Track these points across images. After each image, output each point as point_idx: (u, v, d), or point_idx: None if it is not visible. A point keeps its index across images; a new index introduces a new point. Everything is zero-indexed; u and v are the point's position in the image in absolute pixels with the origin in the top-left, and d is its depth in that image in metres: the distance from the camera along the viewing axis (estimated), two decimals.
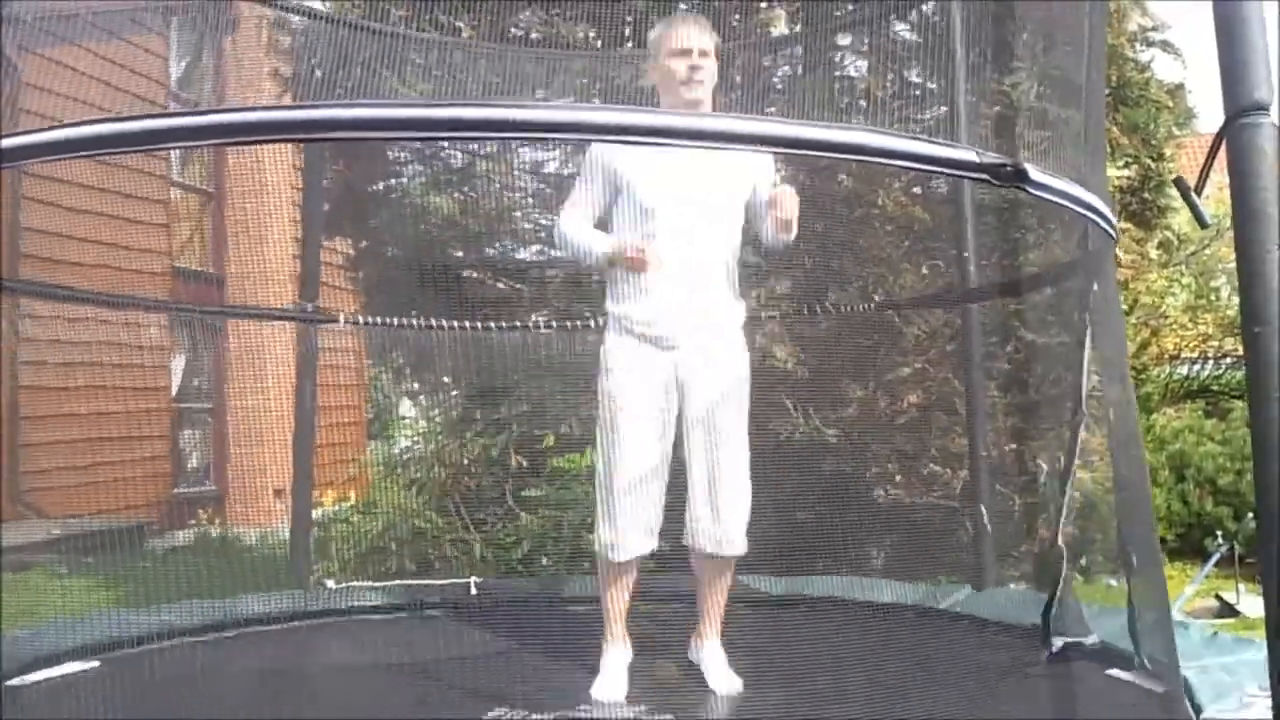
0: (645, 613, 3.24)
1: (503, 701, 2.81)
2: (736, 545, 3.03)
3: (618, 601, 3.04)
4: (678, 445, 3.01)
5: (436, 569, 4.88)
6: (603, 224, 3.07)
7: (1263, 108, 1.74)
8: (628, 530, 2.94)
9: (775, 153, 2.71)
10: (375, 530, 5.22)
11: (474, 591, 4.01)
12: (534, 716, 2.74)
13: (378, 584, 4.10)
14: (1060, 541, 3.08)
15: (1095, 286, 2.84)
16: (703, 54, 2.94)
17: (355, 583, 4.09)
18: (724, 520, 2.99)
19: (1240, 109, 1.73)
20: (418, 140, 4.46)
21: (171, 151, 7.38)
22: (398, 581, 4.12)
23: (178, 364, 8.88)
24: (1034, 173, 1.79)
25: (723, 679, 3.04)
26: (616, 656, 3.05)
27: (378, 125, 1.76)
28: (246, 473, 8.69)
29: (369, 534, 5.25)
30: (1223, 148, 1.79)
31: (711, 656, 3.10)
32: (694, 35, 2.96)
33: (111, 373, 5.83)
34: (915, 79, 4.28)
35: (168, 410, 8.70)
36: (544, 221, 5.22)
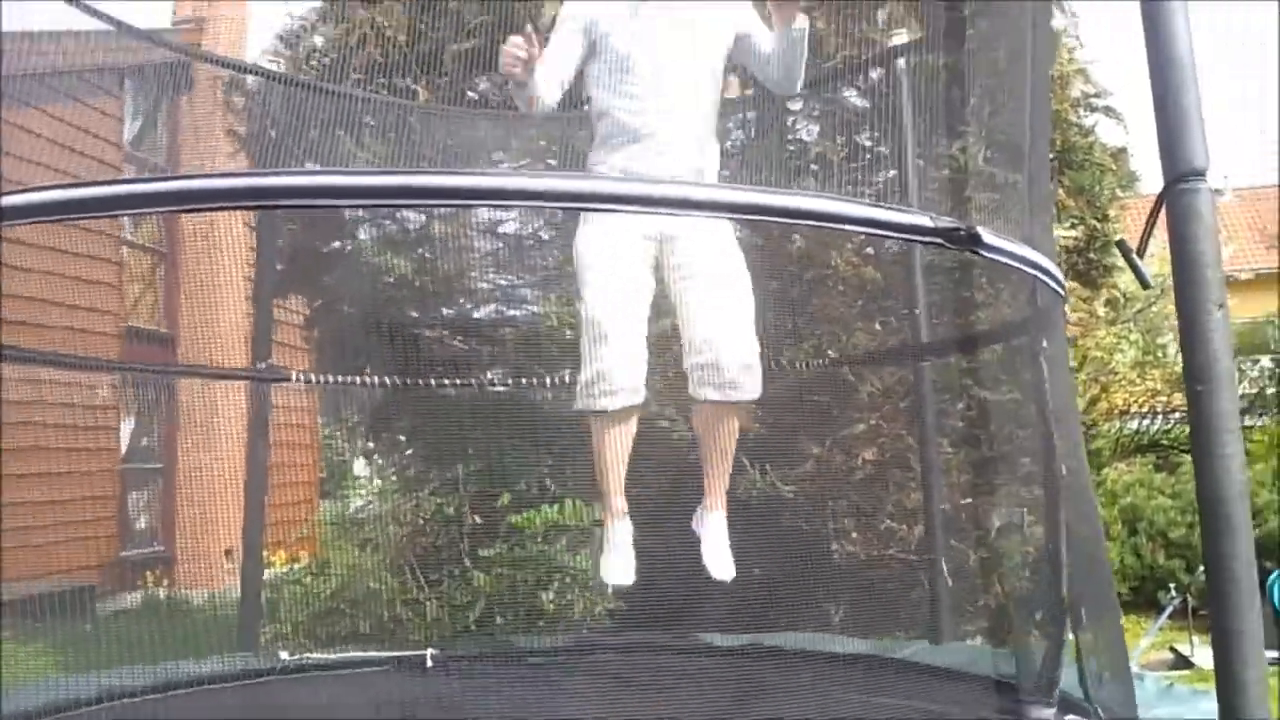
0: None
1: None
2: (742, 389, 2.84)
3: (615, 466, 2.88)
4: (671, 299, 2.92)
5: (390, 630, 4.80)
6: (578, 79, 3.02)
7: (1199, 174, 1.80)
8: (615, 371, 2.78)
9: (735, 219, 2.74)
10: (328, 592, 5.13)
11: (430, 664, 3.93)
12: None
13: (332, 654, 4.01)
14: (1065, 597, 3.07)
15: (1045, 343, 2.89)
16: None
17: (311, 655, 3.99)
18: (724, 361, 2.81)
19: (1178, 175, 1.79)
20: (372, 207, 4.46)
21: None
22: (353, 653, 4.02)
23: (127, 424, 8.73)
24: (986, 236, 1.83)
25: (717, 558, 2.90)
26: (621, 532, 2.91)
27: (332, 193, 1.77)
28: (196, 534, 8.52)
29: (321, 595, 5.16)
30: (1163, 211, 1.85)
31: (712, 530, 2.94)
32: None
33: (59, 433, 5.72)
34: (866, 143, 4.38)
35: (116, 471, 8.54)
36: (501, 281, 5.24)
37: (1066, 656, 3.11)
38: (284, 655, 3.89)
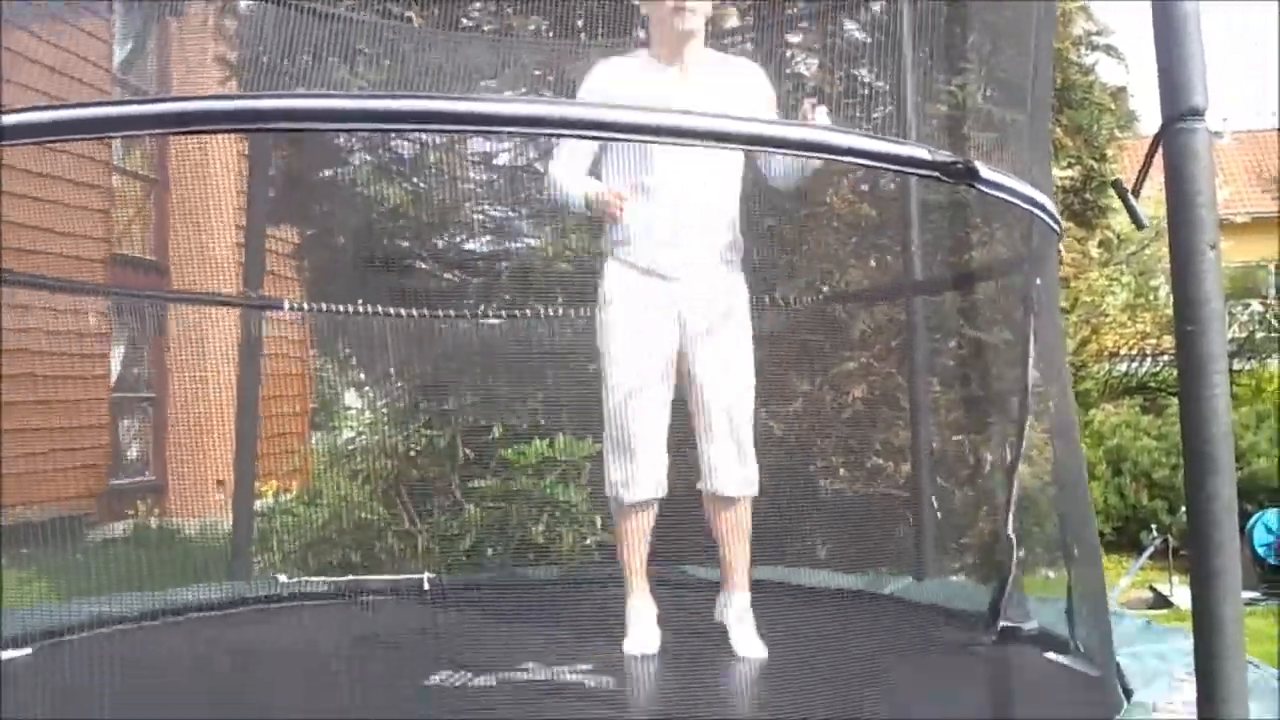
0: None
1: (448, 667, 2.80)
2: (753, 484, 2.98)
3: (636, 551, 2.99)
4: (682, 387, 2.98)
5: (382, 561, 4.85)
6: (598, 163, 3.03)
7: (1198, 113, 1.78)
8: (640, 467, 2.88)
9: (733, 148, 2.73)
10: (319, 522, 5.17)
11: (427, 587, 3.98)
12: (475, 680, 2.73)
13: (328, 579, 4.05)
14: (1010, 532, 3.13)
15: (1038, 281, 2.89)
16: None
17: (306, 578, 4.03)
18: (746, 457, 2.93)
19: (1176, 114, 1.78)
20: (366, 132, 4.41)
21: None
22: (349, 577, 4.07)
23: (117, 352, 8.72)
24: (984, 170, 1.82)
25: (746, 645, 2.95)
26: (642, 608, 2.99)
27: (325, 116, 1.75)
28: (187, 463, 8.55)
29: (313, 525, 5.21)
30: (1159, 153, 1.83)
31: (739, 617, 3.00)
32: None
33: (49, 360, 5.72)
34: (865, 77, 4.33)
35: (106, 399, 8.55)
36: (494, 213, 5.21)
37: (1042, 593, 3.17)
38: (282, 579, 3.93)
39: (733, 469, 2.95)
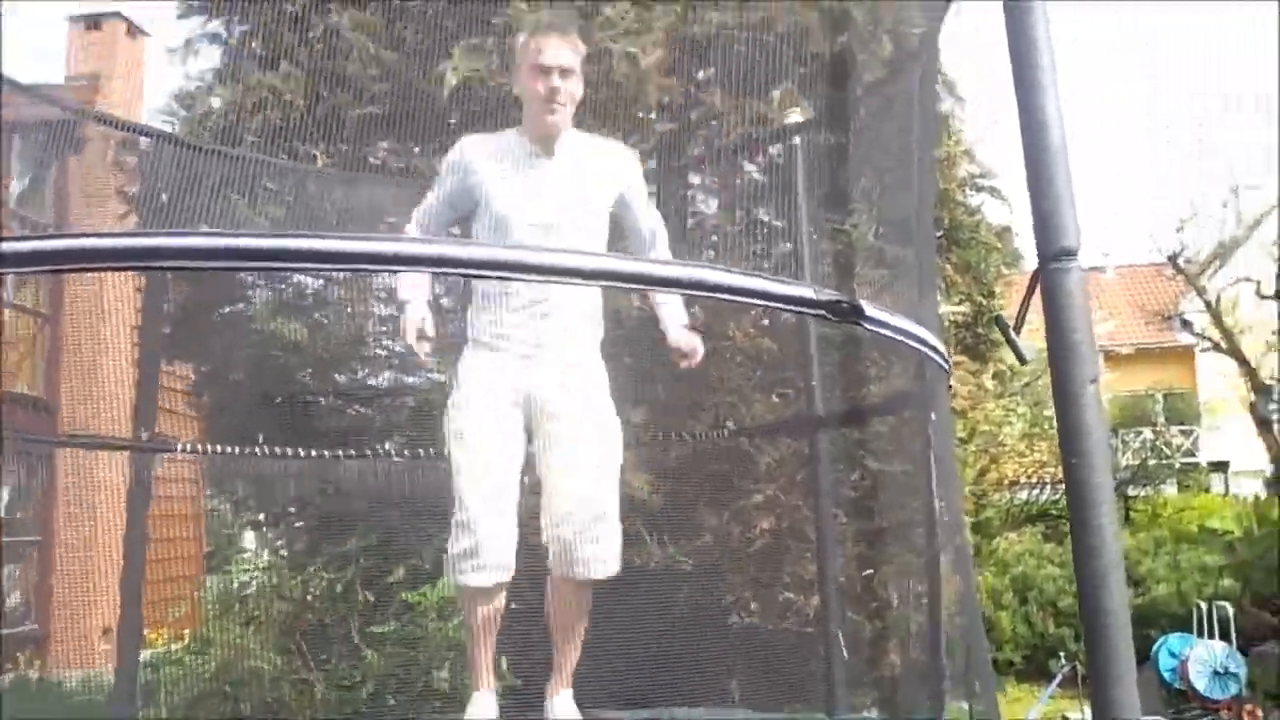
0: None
1: None
2: (599, 565, 2.83)
3: (485, 641, 2.88)
4: (535, 467, 2.90)
5: (275, 712, 4.61)
6: (460, 224, 3.02)
7: (1071, 253, 1.86)
8: (487, 547, 2.77)
9: (623, 289, 2.75)
10: (210, 671, 4.91)
11: None
12: None
13: None
14: (944, 667, 3.10)
15: (933, 416, 2.95)
16: (563, 73, 2.85)
17: None
18: (584, 536, 2.80)
19: (1051, 254, 1.85)
20: (261, 270, 4.38)
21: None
22: None
23: (2, 495, 8.32)
24: (869, 309, 1.86)
25: None
26: (484, 705, 2.90)
27: (223, 255, 1.72)
28: (72, 611, 8.11)
29: (203, 675, 4.94)
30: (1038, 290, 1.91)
31: (563, 711, 2.93)
32: (554, 52, 2.85)
33: None
34: (763, 217, 4.46)
35: None
36: (397, 348, 5.16)
37: None
38: None
39: (570, 545, 2.82)
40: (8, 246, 1.84)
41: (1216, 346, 17.45)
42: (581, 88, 2.95)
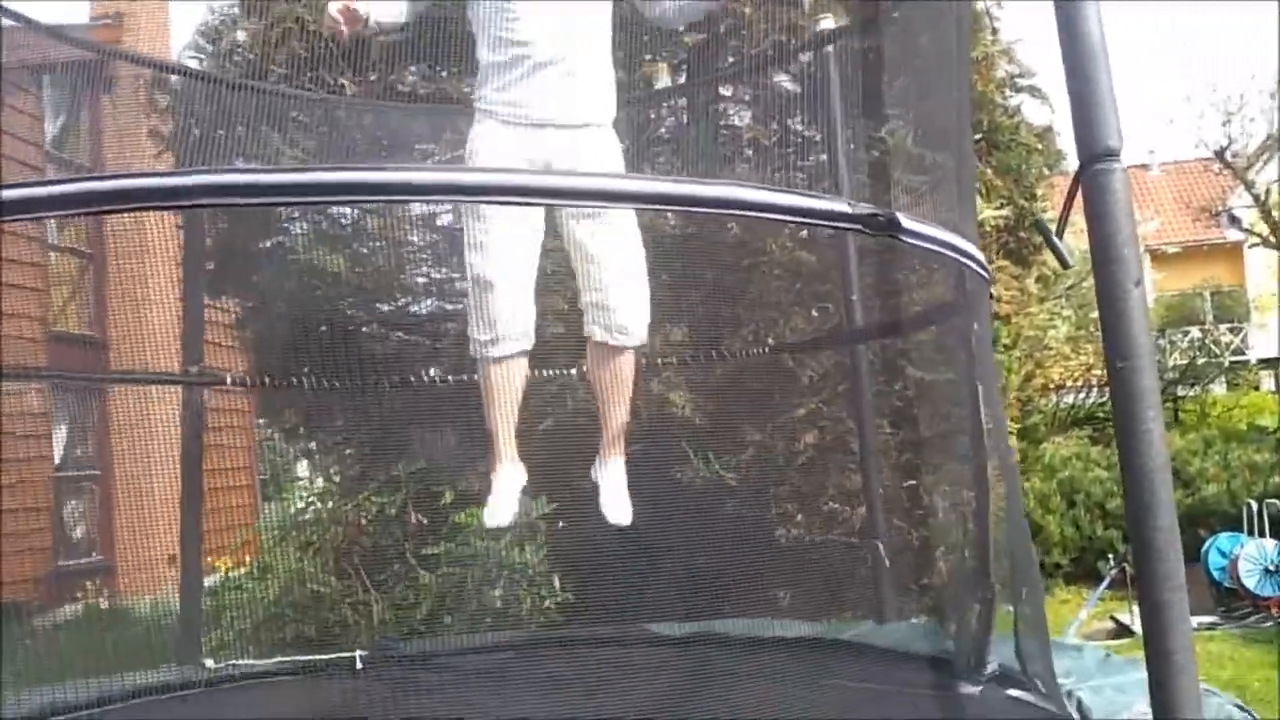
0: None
1: None
2: (631, 334, 2.85)
3: (505, 413, 2.85)
4: (564, 239, 2.87)
5: (336, 634, 4.75)
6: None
7: (1114, 154, 1.82)
8: (501, 319, 2.76)
9: (654, 209, 2.73)
10: (270, 596, 5.06)
11: (359, 666, 3.88)
12: None
13: (258, 661, 3.94)
14: (991, 575, 3.12)
15: (975, 326, 2.93)
16: None
17: (236, 661, 3.91)
18: (613, 304, 2.81)
19: (1093, 155, 1.82)
20: (301, 205, 4.39)
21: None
22: (279, 659, 3.95)
23: (60, 431, 8.54)
24: (906, 221, 1.84)
25: (615, 504, 2.90)
26: (507, 477, 2.89)
27: (259, 191, 1.74)
28: (136, 541, 8.35)
29: (264, 600, 5.09)
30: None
31: (610, 477, 2.94)
32: None
33: None
34: (797, 127, 4.39)
35: (50, 480, 8.35)
36: (436, 275, 5.19)
37: (998, 631, 3.17)
38: (209, 664, 3.81)
39: (599, 313, 2.84)
40: (49, 190, 1.87)
41: (1265, 241, 17.05)
42: None
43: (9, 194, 1.72)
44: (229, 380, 4.45)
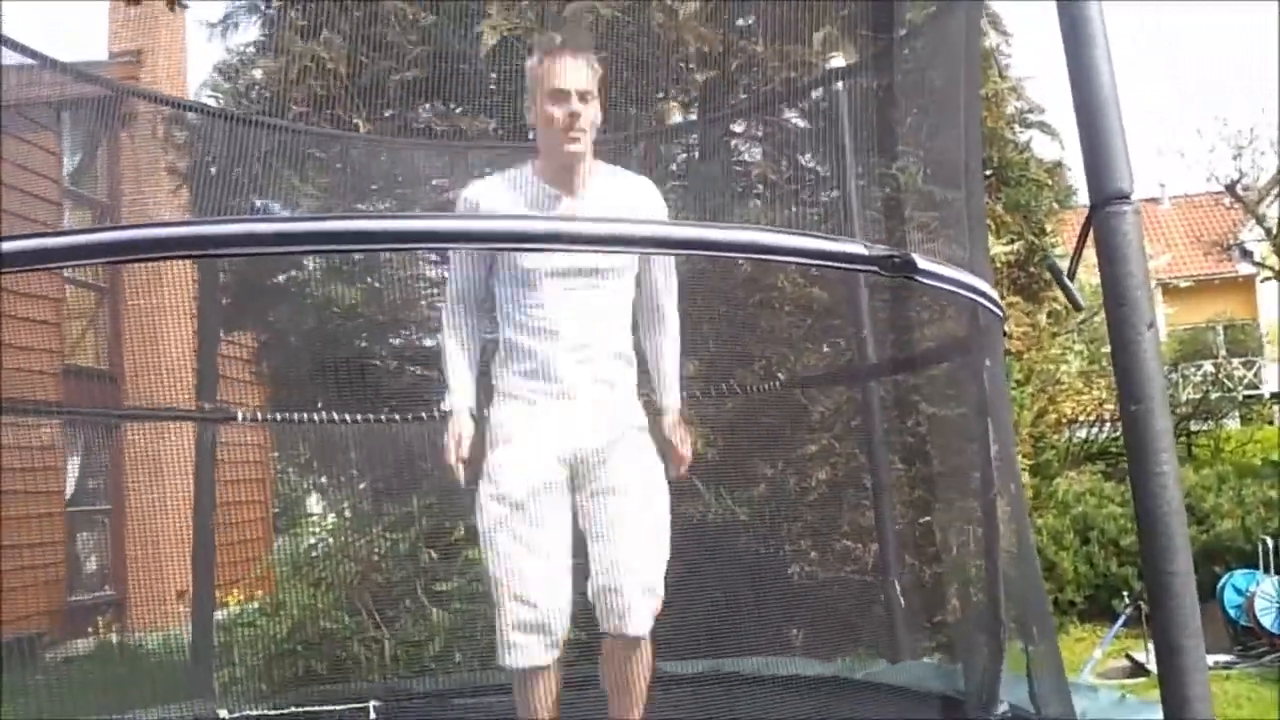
0: None
1: None
2: (635, 622, 2.59)
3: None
4: (580, 521, 2.67)
5: (348, 670, 4.73)
6: (491, 294, 2.78)
7: (1125, 196, 1.83)
8: (532, 623, 2.55)
9: (671, 254, 2.61)
10: (283, 632, 5.05)
11: (374, 716, 3.83)
12: None
13: (272, 712, 3.90)
14: (1003, 612, 3.09)
15: (988, 362, 2.93)
16: (582, 96, 2.63)
17: (249, 711, 3.88)
18: (624, 591, 2.57)
19: (1104, 198, 1.83)
20: (315, 253, 4.39)
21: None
22: (294, 709, 3.91)
23: (73, 465, 8.56)
24: (921, 262, 1.85)
25: None
26: None
27: (274, 240, 1.76)
28: (148, 576, 8.35)
29: (276, 636, 5.08)
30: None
31: None
32: (571, 74, 2.63)
33: (2, 478, 5.60)
34: (809, 164, 4.42)
35: (62, 514, 8.37)
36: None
37: (1010, 671, 3.15)
38: (223, 714, 3.79)
39: (609, 600, 2.61)
40: (68, 241, 1.89)
41: (1277, 275, 17.02)
42: (600, 113, 2.72)
43: (27, 244, 1.73)
44: (240, 416, 4.46)
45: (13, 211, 5.05)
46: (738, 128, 4.81)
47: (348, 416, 4.26)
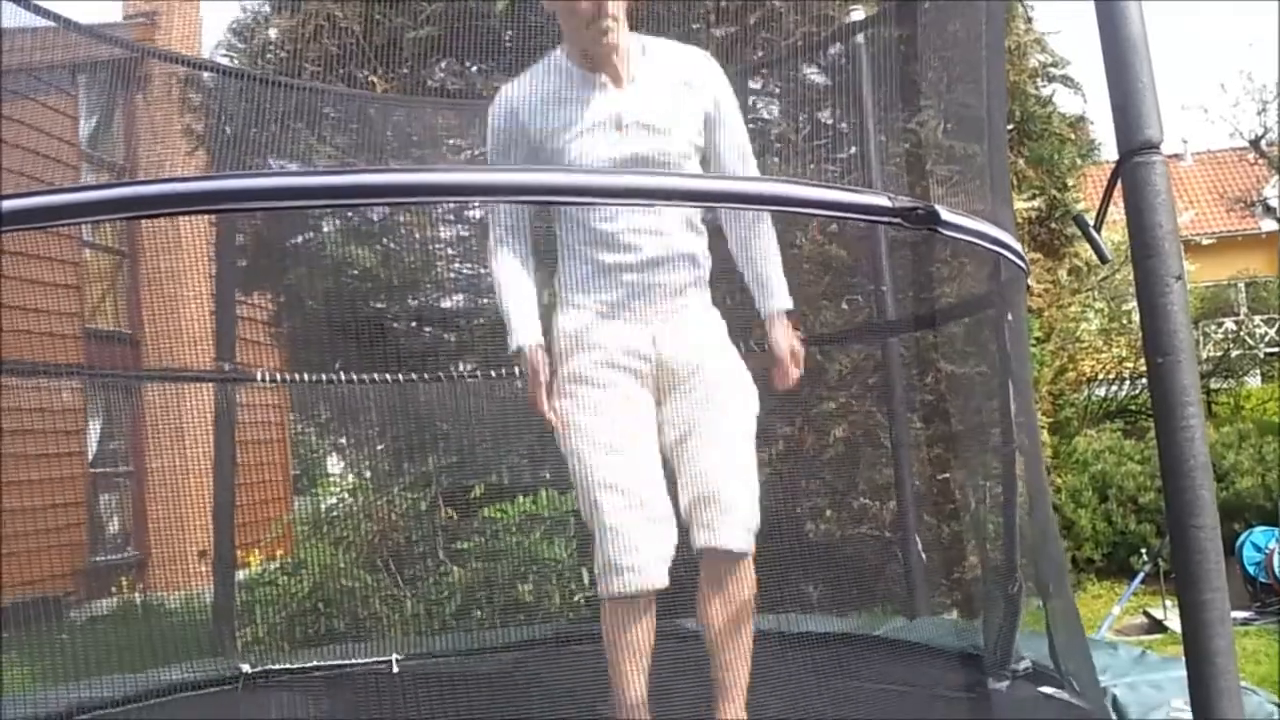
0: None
1: None
2: (734, 535, 2.31)
3: (633, 664, 2.30)
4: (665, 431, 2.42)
5: (367, 628, 4.78)
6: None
7: (1153, 146, 1.79)
8: (630, 546, 2.26)
9: (695, 206, 2.45)
10: (303, 591, 5.10)
11: (395, 670, 3.86)
12: None
13: (292, 666, 3.94)
14: (1019, 570, 3.09)
15: (1009, 318, 2.90)
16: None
17: (270, 665, 3.92)
18: (719, 498, 2.31)
19: (1133, 148, 1.79)
20: (334, 207, 4.38)
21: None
22: (314, 663, 3.95)
23: (94, 427, 8.64)
24: (945, 214, 1.82)
25: None
26: None
27: (292, 194, 1.74)
28: (169, 536, 8.45)
29: (297, 595, 5.13)
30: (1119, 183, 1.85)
31: None
32: None
33: (23, 439, 5.65)
34: (828, 120, 4.37)
35: (84, 476, 8.46)
36: (465, 270, 5.21)
37: (1030, 627, 3.15)
38: (245, 667, 3.83)
39: (711, 512, 2.32)
40: (80, 196, 1.88)
41: None
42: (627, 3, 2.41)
43: (46, 200, 1.73)
44: (259, 377, 4.48)
45: (29, 174, 5.06)
46: (756, 84, 4.75)
47: (365, 377, 4.27)
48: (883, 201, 1.66)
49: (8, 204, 1.65)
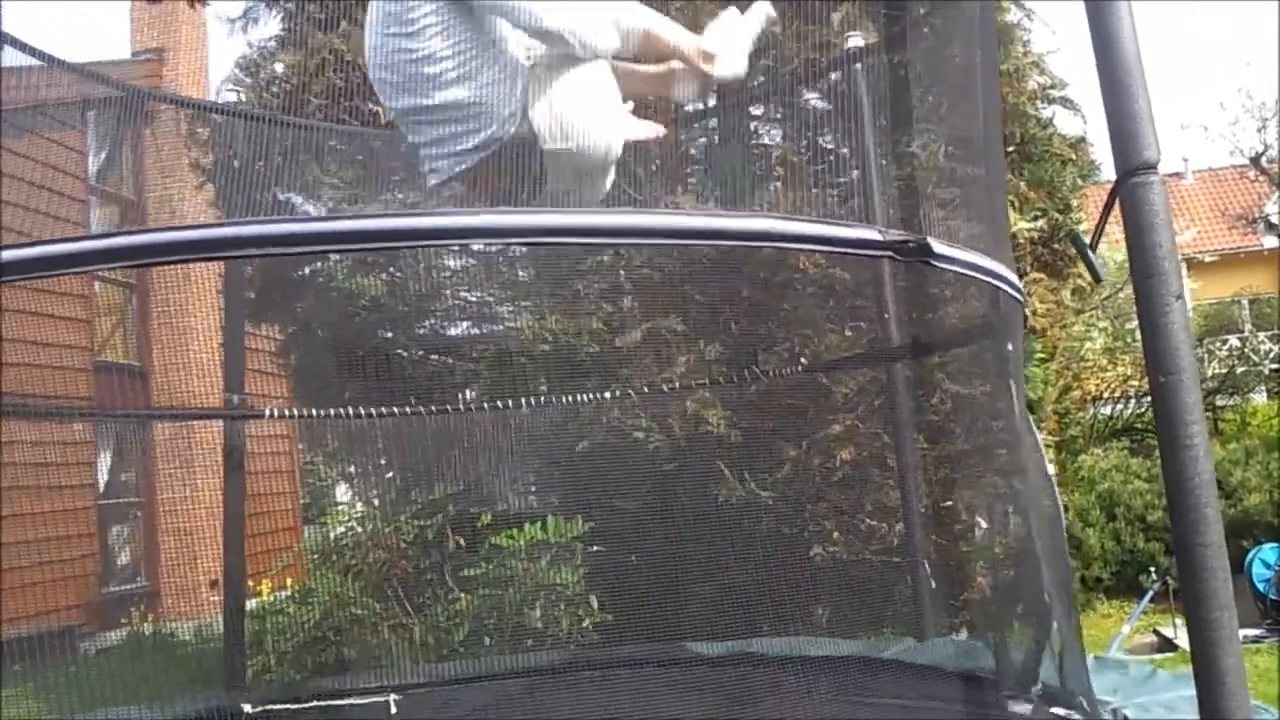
0: None
1: None
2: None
3: None
4: None
5: (377, 656, 4.78)
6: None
7: (1151, 166, 1.82)
8: None
9: (685, 245, 2.47)
10: (312, 620, 5.10)
11: (394, 710, 3.86)
12: None
13: (293, 706, 3.94)
14: (1045, 592, 3.08)
15: (1009, 346, 2.92)
16: None
17: (273, 705, 3.92)
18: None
19: (1130, 168, 1.82)
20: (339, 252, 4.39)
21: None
22: (314, 704, 3.95)
23: (104, 459, 8.66)
24: (938, 247, 1.84)
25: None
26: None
27: (300, 240, 1.77)
28: (180, 567, 8.45)
29: (306, 624, 5.13)
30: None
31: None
32: None
33: (35, 472, 5.67)
34: (828, 145, 4.40)
35: (94, 508, 8.47)
36: (471, 298, 5.24)
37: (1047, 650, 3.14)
38: (246, 709, 3.83)
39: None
40: (89, 245, 1.91)
41: None
42: None
43: (57, 249, 1.76)
44: (267, 413, 4.50)
45: (41, 210, 5.10)
46: (756, 110, 4.79)
47: (372, 409, 4.28)
48: (874, 235, 1.69)
49: (8, 254, 1.68)
